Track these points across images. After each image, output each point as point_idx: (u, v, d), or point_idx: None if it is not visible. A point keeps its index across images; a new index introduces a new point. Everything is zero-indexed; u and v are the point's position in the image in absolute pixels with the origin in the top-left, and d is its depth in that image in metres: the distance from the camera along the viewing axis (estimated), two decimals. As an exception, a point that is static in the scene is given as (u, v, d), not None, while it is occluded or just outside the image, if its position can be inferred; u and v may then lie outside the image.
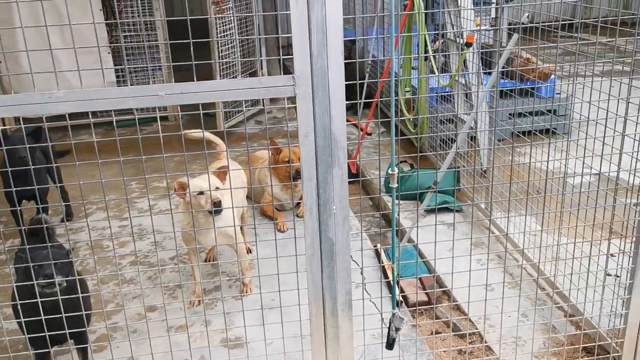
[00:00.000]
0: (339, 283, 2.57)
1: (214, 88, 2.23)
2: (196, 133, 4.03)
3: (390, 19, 6.88)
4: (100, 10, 7.54)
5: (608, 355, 3.07)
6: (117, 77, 8.10)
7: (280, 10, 10.87)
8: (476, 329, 3.53)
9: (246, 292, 4.01)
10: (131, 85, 2.77)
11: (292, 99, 2.28)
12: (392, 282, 2.88)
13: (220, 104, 7.20)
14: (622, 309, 2.95)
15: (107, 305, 3.91)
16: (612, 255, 3.39)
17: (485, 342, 3.40)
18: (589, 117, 3.04)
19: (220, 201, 3.53)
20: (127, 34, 8.10)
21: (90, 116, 2.37)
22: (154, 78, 8.21)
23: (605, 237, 3.23)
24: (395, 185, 2.54)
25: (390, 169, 2.56)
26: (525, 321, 3.51)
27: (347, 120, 2.37)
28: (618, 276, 3.42)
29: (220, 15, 7.09)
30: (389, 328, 2.75)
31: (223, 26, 7.21)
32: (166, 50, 8.05)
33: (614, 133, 2.93)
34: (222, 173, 3.80)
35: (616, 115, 2.89)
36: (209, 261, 4.46)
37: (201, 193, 3.60)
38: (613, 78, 2.92)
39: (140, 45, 7.92)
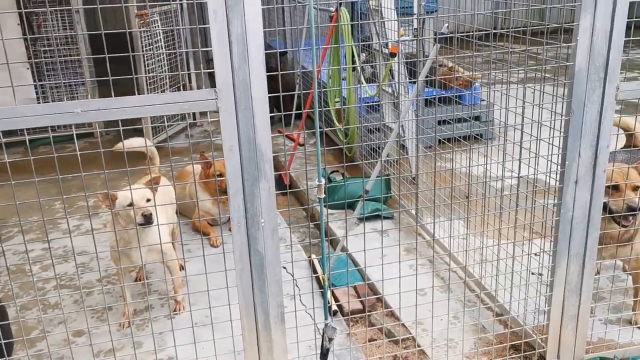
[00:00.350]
0: (271, 296, 2.56)
1: (135, 103, 2.18)
2: (135, 142, 3.95)
3: (312, 30, 6.96)
4: (18, 24, 7.26)
5: (534, 351, 3.18)
6: (37, 93, 7.81)
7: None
8: (410, 333, 3.58)
9: (179, 310, 3.93)
10: (53, 102, 2.68)
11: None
12: (324, 292, 2.88)
13: (148, 119, 7.06)
14: (545, 306, 3.06)
15: (30, 332, 3.74)
16: (534, 254, 3.54)
17: (419, 346, 3.45)
18: (507, 122, 3.16)
19: (150, 214, 3.43)
20: (47, 48, 7.82)
21: (0, 135, 2.26)
22: (76, 94, 7.96)
23: (527, 238, 3.36)
24: (323, 195, 2.55)
25: (317, 179, 2.57)
26: (457, 323, 3.60)
27: (279, 132, 2.37)
28: (541, 274, 3.55)
29: (145, 29, 6.95)
30: (322, 338, 2.75)
31: (149, 39, 7.08)
32: (89, 65, 7.83)
33: (530, 138, 3.06)
34: (155, 181, 3.69)
35: (531, 120, 3.02)
36: (139, 280, 4.34)
37: (131, 205, 3.48)
38: (527, 85, 3.04)
39: (61, 60, 7.66)
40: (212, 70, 2.24)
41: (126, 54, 2.30)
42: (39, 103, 4.46)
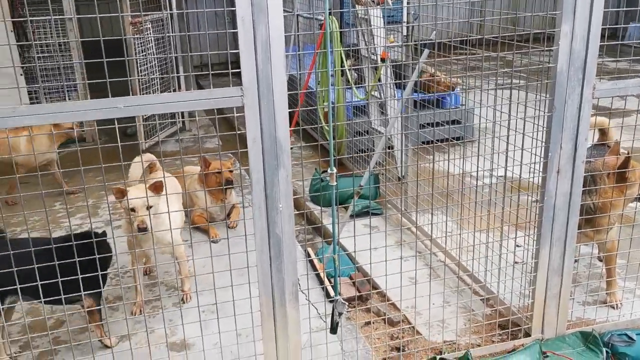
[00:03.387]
0: (287, 275, 2.82)
1: (170, 100, 2.44)
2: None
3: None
4: (12, 31, 7.42)
5: (520, 328, 3.48)
6: (31, 98, 7.97)
7: (194, 31, 11.04)
8: (405, 317, 3.87)
9: (187, 300, 4.15)
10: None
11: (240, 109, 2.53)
12: (333, 272, 3.14)
13: (141, 123, 7.28)
14: (529, 286, 3.37)
15: (48, 320, 3.93)
16: (517, 246, 3.87)
17: (415, 328, 3.74)
18: (480, 125, 3.48)
19: (145, 227, 3.66)
20: (40, 55, 7.98)
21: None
22: (70, 99, 8.11)
23: (512, 228, 3.68)
24: (334, 183, 2.82)
25: (329, 169, 2.85)
26: (447, 306, 3.89)
27: None
28: (525, 262, 3.87)
29: (137, 36, 7.17)
30: (332, 313, 3.01)
31: (142, 46, 7.30)
32: (82, 71, 8.00)
33: (507, 139, 3.37)
34: (158, 186, 3.91)
35: (500, 123, 3.33)
36: (147, 273, 4.56)
37: (133, 210, 3.71)
38: (499, 88, 3.34)
39: (54, 65, 7.84)
40: (201, 73, 2.50)
41: (121, 59, 2.53)
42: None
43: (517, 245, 3.92)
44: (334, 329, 3.03)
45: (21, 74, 7.48)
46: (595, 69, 2.89)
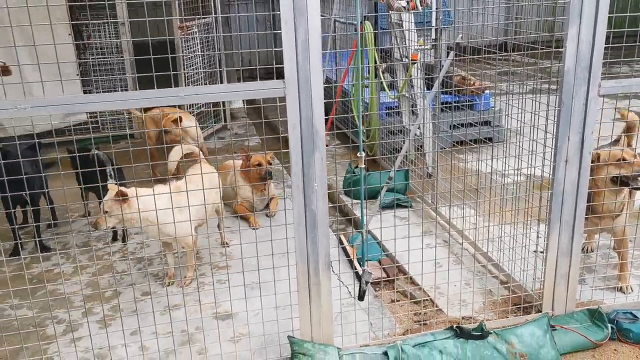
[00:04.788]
0: (320, 247, 3.21)
1: (222, 90, 2.87)
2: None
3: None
4: (70, 34, 8.05)
5: (532, 304, 3.80)
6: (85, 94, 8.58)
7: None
8: (428, 296, 4.21)
9: (185, 285, 4.53)
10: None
11: (281, 99, 2.93)
12: (361, 244, 3.49)
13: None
14: (542, 267, 3.69)
15: (104, 293, 4.40)
16: (538, 236, 4.18)
17: (437, 306, 4.08)
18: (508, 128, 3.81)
19: (96, 227, 4.30)
20: (95, 57, 8.61)
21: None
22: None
23: (534, 220, 4.00)
24: (363, 166, 3.20)
25: (358, 153, 3.23)
26: (468, 288, 4.22)
27: None
28: (542, 252, 4.18)
29: (185, 36, 7.72)
30: (360, 282, 3.39)
31: (188, 49, 7.84)
32: (132, 72, 8.57)
33: (530, 140, 3.70)
34: (123, 195, 4.16)
35: (523, 124, 3.67)
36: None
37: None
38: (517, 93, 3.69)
39: (106, 61, 8.47)
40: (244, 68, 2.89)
41: (167, 55, 2.94)
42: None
43: (537, 236, 4.23)
44: (361, 297, 3.40)
45: (77, 75, 8.11)
46: (601, 69, 3.21)
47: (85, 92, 8.48)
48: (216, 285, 4.51)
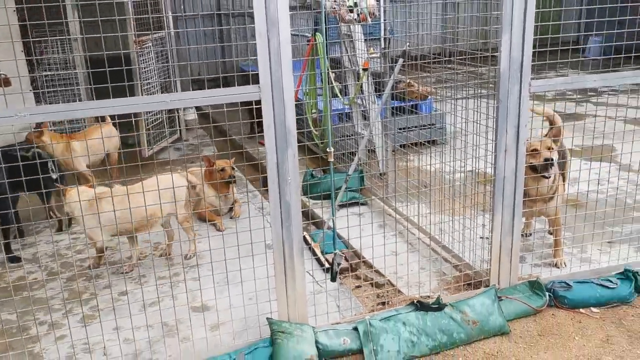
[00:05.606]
0: (294, 234, 3.57)
1: (204, 95, 3.21)
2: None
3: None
4: (22, 51, 8.15)
5: (481, 280, 4.27)
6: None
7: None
8: (389, 281, 4.62)
9: (190, 256, 5.02)
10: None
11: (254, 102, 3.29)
12: (326, 248, 3.87)
13: (143, 132, 8.00)
14: (488, 244, 4.17)
15: (81, 295, 4.61)
16: (483, 225, 4.66)
17: (397, 288, 4.50)
18: (452, 124, 4.29)
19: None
20: (47, 73, 8.71)
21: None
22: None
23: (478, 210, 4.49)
24: (332, 159, 3.58)
25: (328, 147, 3.61)
26: (422, 272, 4.66)
27: (260, 143, 3.34)
28: (487, 238, 4.67)
29: (139, 50, 7.95)
30: (331, 265, 3.76)
31: (144, 62, 8.07)
32: (86, 88, 8.71)
33: (473, 134, 4.19)
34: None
35: (474, 110, 4.16)
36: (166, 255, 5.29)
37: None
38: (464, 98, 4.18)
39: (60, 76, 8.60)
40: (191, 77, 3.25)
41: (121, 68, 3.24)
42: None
43: (483, 225, 4.72)
44: (333, 278, 3.78)
45: (30, 90, 8.21)
46: (530, 70, 3.72)
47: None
48: (194, 280, 4.80)
